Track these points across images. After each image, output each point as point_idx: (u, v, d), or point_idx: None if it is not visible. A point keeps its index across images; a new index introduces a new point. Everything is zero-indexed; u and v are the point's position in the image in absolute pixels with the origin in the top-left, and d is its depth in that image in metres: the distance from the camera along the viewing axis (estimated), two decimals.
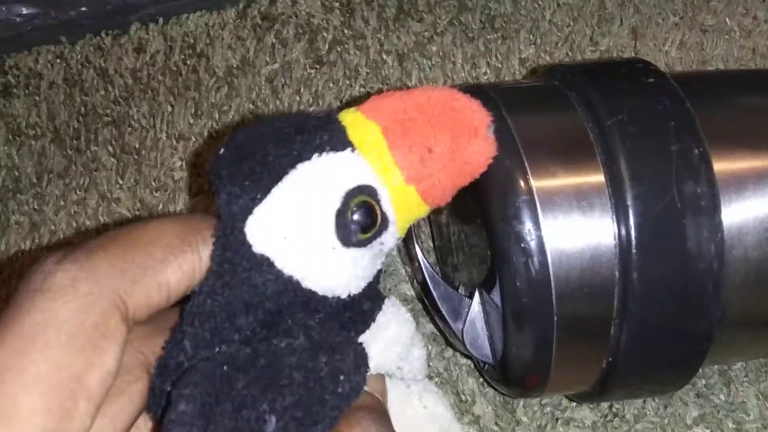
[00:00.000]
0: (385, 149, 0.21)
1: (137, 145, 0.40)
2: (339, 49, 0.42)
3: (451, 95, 0.22)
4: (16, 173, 0.40)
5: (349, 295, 0.21)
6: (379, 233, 0.21)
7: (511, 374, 0.27)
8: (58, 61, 0.43)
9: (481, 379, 0.34)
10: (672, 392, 0.31)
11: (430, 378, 0.34)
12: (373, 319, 0.22)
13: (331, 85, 0.41)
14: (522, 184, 0.25)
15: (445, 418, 0.24)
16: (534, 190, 0.24)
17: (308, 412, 0.19)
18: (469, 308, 0.28)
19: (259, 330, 0.20)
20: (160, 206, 0.38)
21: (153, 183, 0.39)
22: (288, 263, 0.20)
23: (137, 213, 0.38)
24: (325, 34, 0.43)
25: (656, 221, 0.24)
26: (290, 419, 0.19)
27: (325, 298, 0.21)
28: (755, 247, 0.25)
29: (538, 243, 0.24)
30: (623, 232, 0.24)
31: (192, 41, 0.43)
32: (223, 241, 0.20)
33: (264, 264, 0.20)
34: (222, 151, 0.21)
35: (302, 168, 0.20)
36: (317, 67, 0.42)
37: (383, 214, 0.21)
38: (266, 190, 0.20)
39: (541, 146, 0.25)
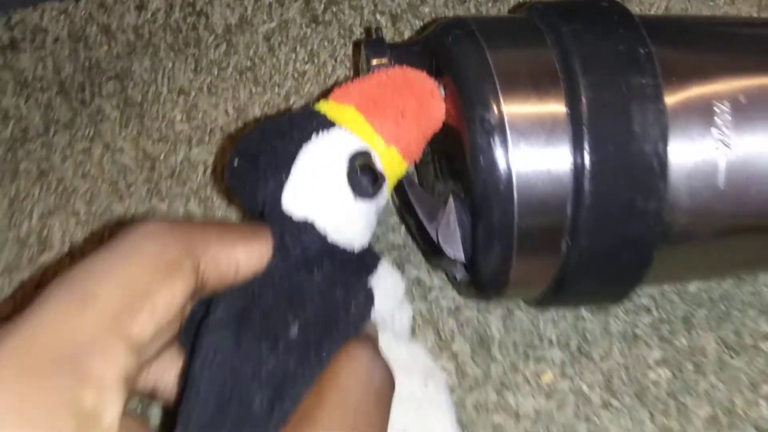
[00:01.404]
0: (363, 122, 0.26)
1: (139, 99, 0.42)
2: (334, 9, 0.45)
3: (404, 71, 0.28)
4: (24, 124, 0.42)
5: (360, 248, 0.26)
6: (380, 186, 0.26)
7: (478, 277, 0.30)
8: (63, 17, 0.45)
9: (460, 320, 0.37)
10: (623, 296, 0.33)
11: (414, 319, 0.37)
12: (375, 269, 0.27)
13: (326, 43, 0.44)
14: (495, 110, 0.28)
15: (426, 360, 0.28)
16: (505, 115, 0.28)
17: (324, 327, 0.23)
18: (443, 211, 0.31)
19: (294, 271, 0.24)
20: (162, 156, 0.41)
21: (155, 134, 0.41)
22: (322, 220, 0.25)
23: (140, 162, 0.41)
24: None
25: (605, 108, 0.28)
26: (310, 329, 0.22)
27: (344, 249, 0.26)
28: (698, 138, 0.29)
29: (506, 164, 0.28)
30: (578, 136, 0.28)
31: None
32: (271, 220, 0.25)
33: (307, 226, 0.25)
34: (235, 162, 0.26)
35: (307, 147, 0.25)
36: (313, 26, 0.44)
37: (380, 171, 0.26)
38: (287, 172, 0.25)
39: (513, 75, 0.28)
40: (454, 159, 0.31)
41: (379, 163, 0.26)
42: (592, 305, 0.36)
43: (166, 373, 0.24)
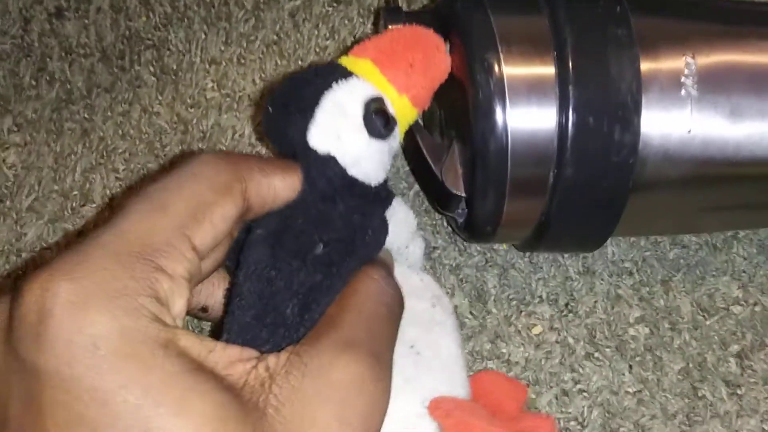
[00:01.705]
0: (378, 73, 0.30)
1: (175, 67, 0.46)
2: None
3: (413, 28, 0.31)
4: (69, 86, 0.46)
5: (376, 184, 0.30)
6: (392, 128, 0.29)
7: (475, 218, 0.35)
8: None
9: (459, 277, 0.41)
10: (602, 238, 0.37)
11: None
12: (389, 203, 0.31)
13: (346, 22, 0.47)
14: (497, 71, 0.32)
15: (437, 289, 0.32)
16: (505, 76, 0.32)
17: (345, 248, 0.27)
18: (447, 154, 0.35)
19: (320, 200, 0.28)
20: (194, 121, 0.45)
21: (188, 100, 0.45)
22: (343, 155, 0.28)
23: (174, 125, 0.45)
24: None
25: (587, 53, 0.33)
26: (333, 249, 0.26)
27: (363, 183, 0.29)
28: (667, 84, 0.33)
29: (503, 123, 0.32)
30: (564, 77, 0.32)
31: None
32: (300, 156, 0.28)
33: (330, 159, 0.28)
34: (269, 109, 0.30)
35: (328, 93, 0.29)
36: (335, 5, 0.48)
37: (392, 115, 0.29)
38: (312, 113, 0.29)
39: (514, 41, 0.33)
40: (458, 112, 0.35)
41: (392, 109, 0.30)
42: (574, 249, 0.39)
43: (215, 293, 0.29)
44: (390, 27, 0.36)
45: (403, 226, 0.32)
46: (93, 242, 0.22)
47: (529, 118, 0.33)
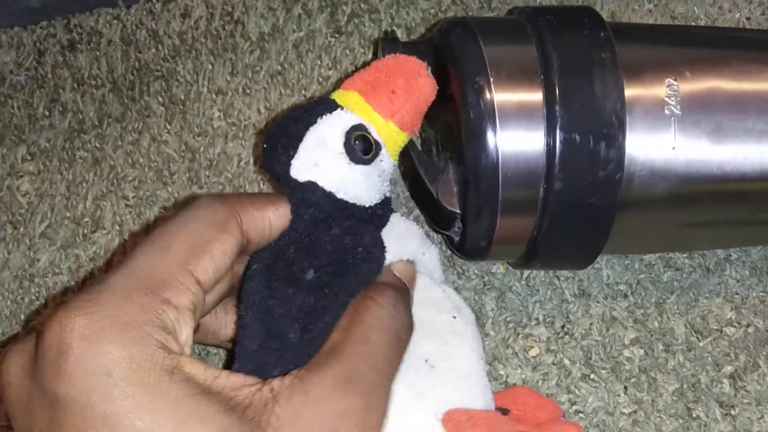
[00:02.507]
0: (363, 103, 0.32)
1: (182, 97, 0.47)
2: (356, 21, 0.49)
3: (395, 57, 0.33)
4: (80, 116, 0.47)
5: (370, 205, 0.32)
6: (376, 153, 0.31)
7: (468, 236, 0.36)
8: (116, 21, 0.50)
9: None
10: (591, 255, 0.38)
11: None
12: (387, 220, 0.33)
13: (348, 52, 0.49)
14: (488, 94, 0.34)
15: (458, 300, 0.34)
16: (495, 99, 0.34)
17: (337, 269, 0.28)
18: (442, 173, 0.36)
19: (311, 227, 0.30)
20: (201, 149, 0.46)
21: (195, 129, 0.46)
22: (325, 181, 0.30)
23: (182, 153, 0.46)
24: (344, 8, 0.50)
25: (573, 74, 0.34)
26: (323, 272, 0.28)
27: (353, 205, 0.31)
28: (651, 105, 0.34)
29: (494, 145, 0.33)
30: (551, 96, 0.34)
31: (230, 9, 0.50)
32: (285, 188, 0.31)
33: (310, 186, 0.30)
34: (264, 146, 0.32)
35: (313, 128, 0.31)
36: (337, 36, 0.49)
37: (375, 140, 0.31)
38: (296, 148, 0.31)
39: (503, 67, 0.34)
40: (452, 134, 0.36)
41: (376, 135, 0.31)
42: (566, 266, 0.40)
43: (228, 324, 0.31)
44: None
45: (408, 238, 0.33)
46: (105, 281, 0.24)
47: (518, 138, 0.34)
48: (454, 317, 0.32)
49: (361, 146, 0.31)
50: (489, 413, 0.30)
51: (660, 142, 0.34)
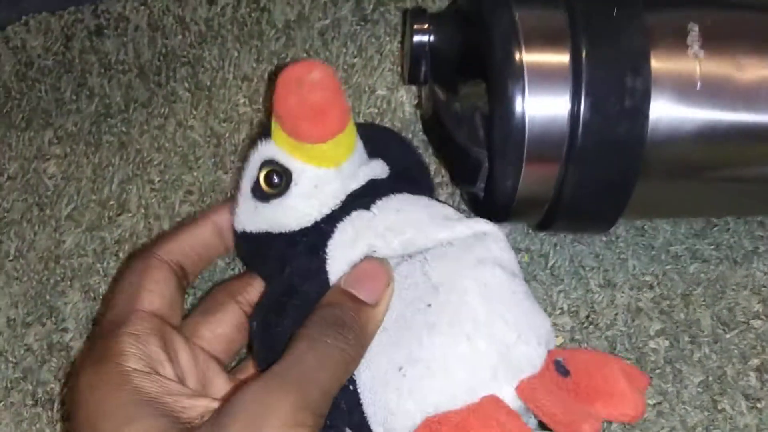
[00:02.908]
0: (276, 128, 0.32)
1: (209, 83, 0.47)
2: (381, 9, 0.49)
3: (291, 66, 0.31)
4: (107, 101, 0.47)
5: (300, 227, 0.33)
6: (286, 186, 0.31)
7: (494, 183, 0.35)
8: (143, 8, 0.50)
9: None
10: (615, 210, 0.37)
11: None
12: (329, 237, 0.32)
13: (373, 40, 0.48)
14: (518, 61, 0.33)
15: (455, 270, 0.32)
16: (525, 65, 0.33)
17: (288, 294, 0.32)
18: (467, 119, 0.36)
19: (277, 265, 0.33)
20: (227, 134, 0.46)
21: (221, 115, 0.46)
22: (256, 223, 0.33)
23: (208, 139, 0.46)
24: None
25: (598, 15, 0.34)
26: (291, 303, 0.32)
27: (291, 232, 0.33)
28: (675, 49, 0.34)
29: (521, 106, 0.33)
30: (576, 32, 0.34)
31: None
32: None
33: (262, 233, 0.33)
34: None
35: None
36: (362, 24, 0.49)
37: (286, 170, 0.32)
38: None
39: (534, 32, 0.34)
40: (478, 86, 0.35)
41: (288, 158, 0.31)
42: (591, 221, 0.38)
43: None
44: (415, 26, 0.38)
45: (358, 240, 0.32)
46: (88, 352, 0.32)
47: (544, 73, 0.33)
48: (429, 305, 0.30)
49: (265, 182, 0.32)
50: (477, 408, 0.28)
51: (685, 83, 0.34)
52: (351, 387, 0.30)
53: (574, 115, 0.33)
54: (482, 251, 0.31)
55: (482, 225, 0.32)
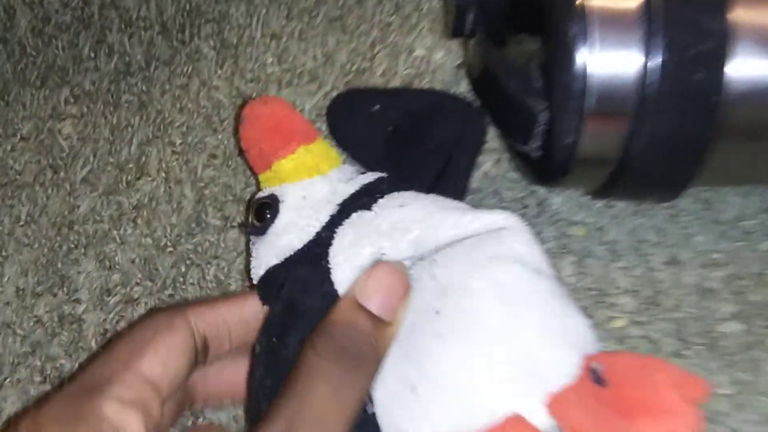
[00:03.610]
0: (260, 176, 0.32)
1: (235, 41, 0.43)
2: None
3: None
4: (127, 59, 0.43)
5: (308, 241, 0.30)
6: (275, 210, 0.30)
7: (553, 143, 0.31)
8: None
9: None
10: (678, 189, 0.33)
11: None
12: (330, 244, 0.29)
13: None
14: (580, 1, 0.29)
15: (467, 271, 0.28)
16: (587, 6, 0.29)
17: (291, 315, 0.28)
18: (521, 67, 0.32)
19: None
20: (253, 95, 0.41)
21: (248, 75, 0.42)
22: (264, 260, 0.31)
23: (233, 99, 0.42)
24: None
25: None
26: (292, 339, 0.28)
27: (296, 253, 0.30)
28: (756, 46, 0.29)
29: (584, 53, 0.29)
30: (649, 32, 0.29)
31: None
32: None
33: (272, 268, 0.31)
34: None
35: None
36: None
37: (271, 196, 0.31)
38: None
39: None
40: (537, 40, 0.31)
41: (270, 191, 0.31)
42: (658, 189, 0.34)
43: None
44: None
45: (362, 243, 0.28)
46: (61, 390, 0.25)
47: (611, 14, 0.29)
48: (438, 312, 0.25)
49: (258, 216, 0.31)
50: (499, 430, 0.24)
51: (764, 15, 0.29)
52: (368, 410, 0.26)
53: (645, 60, 0.29)
54: (496, 247, 0.26)
55: (498, 218, 0.27)
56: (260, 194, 0.32)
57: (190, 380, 0.28)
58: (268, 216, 0.30)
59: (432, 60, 0.41)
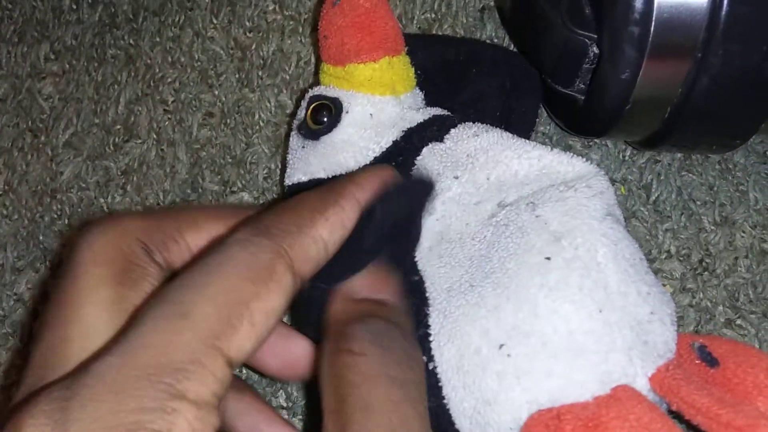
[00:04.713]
0: (324, 67, 0.28)
1: None
2: None
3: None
4: (113, 9, 0.38)
5: (371, 162, 0.26)
6: (337, 118, 0.27)
7: (604, 84, 0.26)
8: None
9: None
10: (745, 135, 0.28)
11: None
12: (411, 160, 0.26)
13: None
14: None
15: (577, 208, 0.24)
16: None
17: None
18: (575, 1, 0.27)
19: None
20: (253, 46, 0.36)
21: (247, 23, 0.37)
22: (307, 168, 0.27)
23: (231, 51, 0.37)
24: None
25: None
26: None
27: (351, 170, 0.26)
28: None
29: None
30: None
31: None
32: None
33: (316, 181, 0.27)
34: None
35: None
36: None
37: (334, 100, 0.27)
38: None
39: None
40: None
41: (335, 90, 0.27)
42: (722, 136, 0.29)
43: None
44: None
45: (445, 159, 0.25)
46: (93, 367, 0.16)
47: None
48: (548, 258, 0.22)
49: (311, 118, 0.27)
50: (610, 401, 0.20)
51: None
52: (429, 365, 0.22)
53: None
54: (599, 200, 0.23)
55: (580, 161, 0.25)
56: (321, 90, 0.28)
57: None
58: (326, 121, 0.27)
59: (453, 2, 0.36)
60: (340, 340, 0.20)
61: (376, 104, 0.27)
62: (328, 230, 0.20)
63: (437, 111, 0.27)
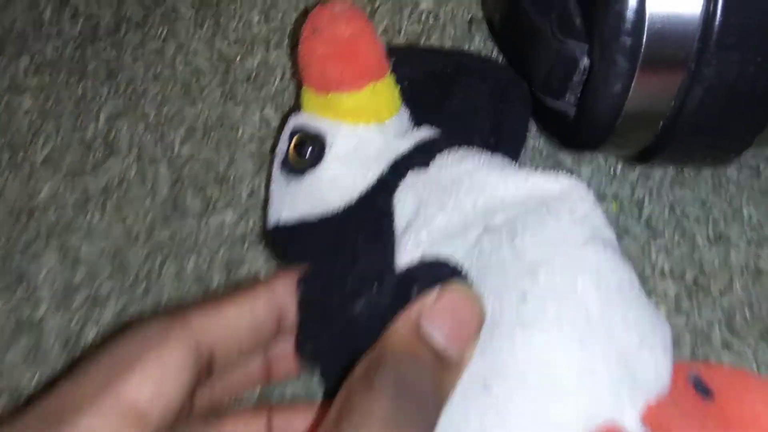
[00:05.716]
0: (305, 92, 0.25)
1: None
2: None
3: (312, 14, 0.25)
4: (94, 21, 0.36)
5: (357, 198, 0.24)
6: (320, 153, 0.24)
7: (591, 108, 0.24)
8: None
9: None
10: (740, 148, 0.27)
11: None
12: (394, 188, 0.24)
13: None
14: None
15: (549, 242, 0.23)
16: None
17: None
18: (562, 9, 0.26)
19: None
20: (237, 58, 0.35)
21: (231, 35, 0.35)
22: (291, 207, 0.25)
23: (214, 64, 0.35)
24: None
25: None
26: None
27: (336, 210, 0.24)
28: None
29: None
30: None
31: None
32: None
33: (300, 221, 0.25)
34: None
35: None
36: None
37: (317, 135, 0.25)
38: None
39: None
40: None
41: (319, 121, 0.25)
42: (715, 149, 0.27)
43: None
44: None
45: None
46: (17, 419, 0.19)
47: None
48: (524, 294, 0.20)
49: (294, 153, 0.25)
50: None
51: None
52: None
53: None
54: (582, 224, 0.22)
55: (566, 178, 0.23)
56: (303, 120, 0.26)
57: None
58: (309, 155, 0.25)
59: (441, 13, 0.35)
60: (368, 362, 0.19)
61: (361, 136, 0.25)
62: (236, 312, 0.23)
63: (423, 134, 0.25)
